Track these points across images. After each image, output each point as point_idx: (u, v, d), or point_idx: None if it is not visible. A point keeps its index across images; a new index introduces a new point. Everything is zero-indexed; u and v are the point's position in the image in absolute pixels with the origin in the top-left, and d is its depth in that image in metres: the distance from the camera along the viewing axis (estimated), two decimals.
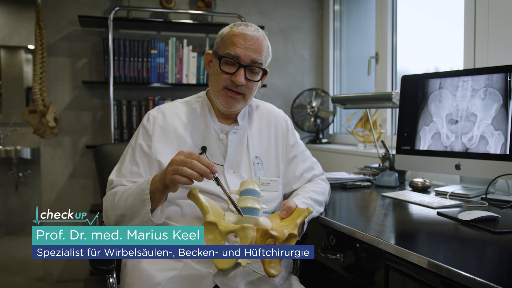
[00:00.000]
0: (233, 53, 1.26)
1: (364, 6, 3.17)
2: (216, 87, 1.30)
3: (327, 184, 1.53)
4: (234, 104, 1.30)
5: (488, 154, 1.55)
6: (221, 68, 1.28)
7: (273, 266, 1.04)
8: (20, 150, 4.25)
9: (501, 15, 1.84)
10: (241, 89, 1.28)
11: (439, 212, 1.39)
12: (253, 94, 1.34)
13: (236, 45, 1.26)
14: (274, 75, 3.33)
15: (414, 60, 2.71)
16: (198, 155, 1.07)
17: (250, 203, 1.11)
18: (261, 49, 1.29)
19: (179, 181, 1.05)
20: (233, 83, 1.27)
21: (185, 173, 1.04)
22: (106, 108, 2.98)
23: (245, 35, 1.27)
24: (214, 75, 1.31)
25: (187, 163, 1.05)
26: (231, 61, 1.26)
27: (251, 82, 1.29)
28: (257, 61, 1.28)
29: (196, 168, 1.04)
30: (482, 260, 1.00)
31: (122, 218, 1.21)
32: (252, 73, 1.29)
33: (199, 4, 3.04)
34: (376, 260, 1.19)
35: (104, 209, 1.28)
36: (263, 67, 1.31)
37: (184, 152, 1.08)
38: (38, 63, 2.73)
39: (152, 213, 1.14)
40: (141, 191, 1.14)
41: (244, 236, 1.00)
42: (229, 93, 1.29)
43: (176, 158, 1.07)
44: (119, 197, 1.21)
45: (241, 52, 1.25)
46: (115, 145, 1.65)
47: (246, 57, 1.26)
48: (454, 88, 1.69)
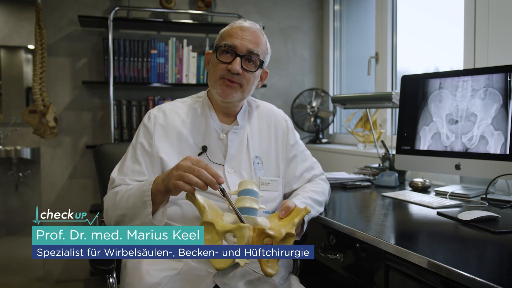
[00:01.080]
0: (230, 43, 1.28)
1: (364, 6, 3.17)
2: (213, 77, 1.31)
3: (327, 184, 1.53)
4: (231, 93, 1.30)
5: (488, 154, 1.55)
6: (218, 58, 1.29)
7: (271, 266, 1.04)
8: (20, 150, 4.25)
9: (501, 15, 1.84)
10: (237, 78, 1.29)
11: (439, 212, 1.39)
12: (250, 86, 1.33)
13: (233, 36, 1.29)
14: (274, 75, 3.33)
15: (414, 60, 2.71)
16: (206, 164, 1.06)
17: (248, 203, 1.11)
18: (258, 41, 1.30)
19: (183, 188, 1.04)
20: (230, 72, 1.28)
21: (191, 181, 1.03)
22: (106, 108, 2.98)
23: (242, 27, 1.30)
24: (212, 67, 1.32)
25: (195, 171, 1.04)
26: (228, 50, 1.28)
27: (248, 73, 1.30)
28: (254, 51, 1.29)
29: (203, 177, 1.03)
30: (482, 260, 1.00)
31: (123, 218, 1.20)
32: (248, 62, 1.30)
33: (199, 4, 3.04)
34: (376, 260, 1.19)
35: (105, 208, 1.27)
36: (261, 59, 1.31)
37: (192, 159, 1.07)
38: (38, 63, 2.73)
39: (153, 215, 1.14)
40: (143, 192, 1.13)
41: (241, 236, 1.00)
42: (226, 82, 1.29)
43: (184, 164, 1.06)
44: (121, 197, 1.20)
45: (238, 42, 1.27)
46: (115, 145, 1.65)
47: (242, 47, 1.28)
48: (454, 88, 1.69)
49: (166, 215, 1.18)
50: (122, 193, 1.21)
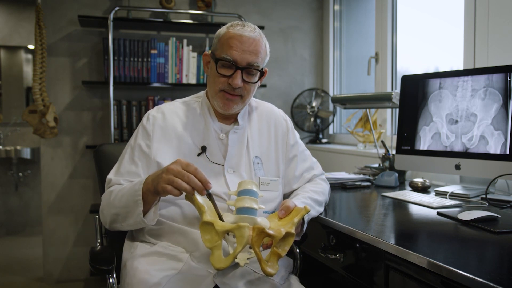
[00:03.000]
0: (230, 57, 1.25)
1: (364, 6, 3.17)
2: (213, 89, 1.31)
3: (327, 184, 1.53)
4: (232, 106, 1.30)
5: (488, 154, 1.55)
6: (218, 71, 1.27)
7: (271, 265, 1.04)
8: (20, 150, 4.25)
9: (501, 15, 1.84)
10: (238, 91, 1.29)
11: (439, 212, 1.39)
12: (251, 95, 1.34)
13: (232, 48, 1.25)
14: (274, 75, 3.33)
15: (414, 60, 2.71)
16: (195, 168, 1.05)
17: (247, 203, 1.11)
18: (258, 51, 1.28)
19: (171, 192, 1.05)
20: (230, 86, 1.27)
21: (179, 186, 1.04)
22: (106, 108, 2.98)
23: (241, 36, 1.26)
24: (212, 77, 1.32)
25: (184, 176, 1.04)
26: (228, 64, 1.26)
27: (249, 84, 1.29)
28: (254, 63, 1.27)
29: (192, 183, 1.04)
30: (482, 260, 0.99)
31: (117, 217, 1.22)
32: (249, 75, 1.29)
33: (199, 4, 3.04)
34: (376, 260, 1.19)
35: (101, 207, 1.29)
36: (260, 68, 1.30)
37: (182, 162, 1.07)
38: (38, 63, 2.73)
39: (145, 215, 1.15)
40: (134, 192, 1.14)
41: (240, 235, 1.00)
42: (226, 95, 1.29)
43: (174, 168, 1.06)
44: (115, 196, 1.21)
45: (238, 55, 1.25)
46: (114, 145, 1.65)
47: (242, 60, 1.26)
48: (454, 88, 1.69)
49: (158, 214, 1.19)
50: (116, 192, 1.22)
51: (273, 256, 1.05)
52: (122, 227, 1.24)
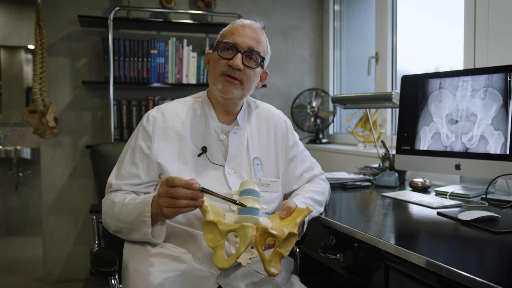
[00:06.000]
0: (231, 40, 1.29)
1: (364, 6, 3.17)
2: (214, 73, 1.31)
3: (327, 184, 1.53)
4: (232, 89, 1.29)
5: (488, 154, 1.55)
6: (219, 54, 1.30)
7: (273, 265, 1.04)
8: (20, 150, 4.25)
9: (501, 15, 1.84)
10: (238, 74, 1.28)
11: (439, 212, 1.39)
12: (251, 83, 1.33)
13: (234, 33, 1.30)
14: (274, 75, 3.33)
15: (414, 60, 2.71)
16: (174, 177, 1.04)
17: (250, 203, 1.11)
18: (259, 39, 1.31)
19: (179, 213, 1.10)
20: (231, 68, 1.28)
21: (181, 208, 1.05)
22: (106, 108, 2.98)
23: (243, 24, 1.32)
24: (213, 64, 1.33)
25: (173, 193, 1.03)
26: (229, 46, 1.29)
27: (249, 69, 1.30)
28: (254, 48, 1.30)
29: (183, 194, 1.03)
30: (482, 260, 0.99)
31: (122, 230, 1.24)
32: (249, 59, 1.30)
33: (199, 4, 3.04)
34: (376, 260, 1.19)
35: (103, 212, 1.29)
36: (262, 55, 1.32)
37: (162, 181, 1.07)
38: (38, 63, 2.73)
39: (152, 231, 1.16)
40: (141, 212, 1.14)
41: (243, 235, 1.00)
42: (226, 78, 1.29)
43: (162, 191, 1.06)
44: (119, 210, 1.21)
45: (239, 39, 1.29)
46: (112, 144, 1.64)
47: (243, 44, 1.29)
48: (454, 88, 1.69)
49: (165, 230, 1.20)
50: (120, 206, 1.22)
51: (276, 256, 1.05)
52: (127, 238, 1.26)
